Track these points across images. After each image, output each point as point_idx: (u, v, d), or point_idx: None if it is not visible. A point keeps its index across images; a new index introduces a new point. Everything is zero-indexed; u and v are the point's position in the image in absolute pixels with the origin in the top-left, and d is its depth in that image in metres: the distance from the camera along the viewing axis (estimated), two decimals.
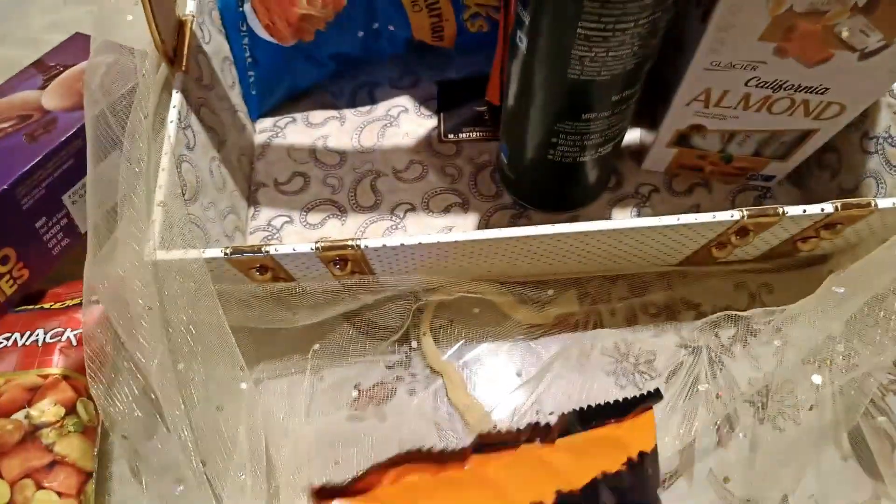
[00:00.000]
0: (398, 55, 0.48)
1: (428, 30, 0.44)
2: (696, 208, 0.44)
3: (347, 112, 0.49)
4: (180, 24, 0.39)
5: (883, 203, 0.32)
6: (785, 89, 0.35)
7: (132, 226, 0.34)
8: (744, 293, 0.42)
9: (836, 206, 0.32)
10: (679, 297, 0.42)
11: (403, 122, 0.48)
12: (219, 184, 0.40)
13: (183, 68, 0.38)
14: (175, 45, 0.38)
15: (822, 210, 0.32)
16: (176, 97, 0.37)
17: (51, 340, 0.34)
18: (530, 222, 0.43)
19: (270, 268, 0.34)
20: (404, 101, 0.49)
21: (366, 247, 0.32)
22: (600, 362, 0.40)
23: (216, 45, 0.42)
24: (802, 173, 0.44)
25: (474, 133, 0.47)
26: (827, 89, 0.34)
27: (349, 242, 0.32)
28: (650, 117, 0.43)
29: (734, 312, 0.40)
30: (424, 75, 0.50)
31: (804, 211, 0.32)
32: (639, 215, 0.44)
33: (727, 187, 0.45)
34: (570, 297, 0.41)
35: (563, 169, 0.38)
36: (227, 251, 0.32)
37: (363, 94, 0.49)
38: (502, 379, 0.40)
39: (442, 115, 0.48)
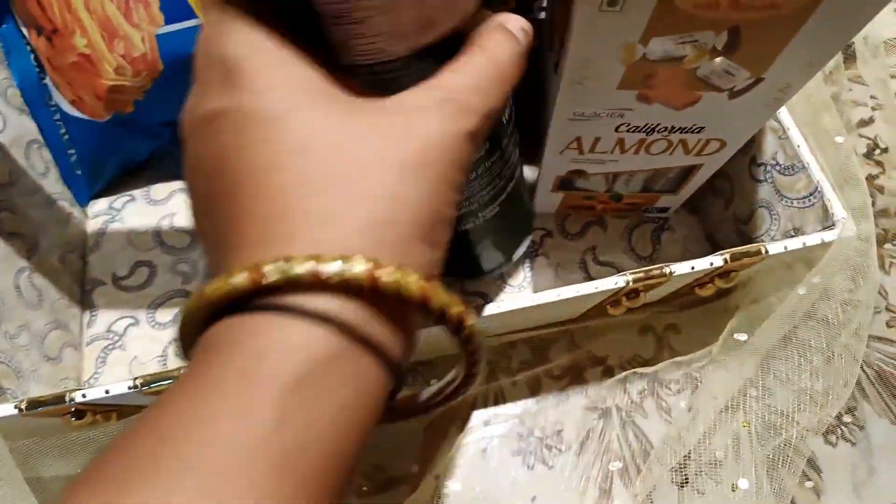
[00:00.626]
0: None
1: None
2: (593, 251, 0.40)
3: None
4: None
5: (773, 248, 0.29)
6: (659, 132, 0.31)
7: None
8: (650, 338, 0.39)
9: (725, 259, 0.29)
10: (584, 354, 0.38)
11: None
12: (31, 300, 0.34)
13: None
14: None
15: (711, 264, 0.29)
16: None
17: None
18: None
19: (89, 410, 0.28)
20: None
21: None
22: (504, 448, 0.36)
23: (16, 130, 0.36)
24: (698, 200, 0.41)
25: None
26: (702, 128, 0.31)
27: (179, 373, 0.27)
28: (533, 156, 0.40)
29: (641, 370, 0.37)
30: None
31: (692, 268, 0.29)
32: (531, 267, 0.40)
33: (622, 222, 0.42)
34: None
35: (457, 237, 0.33)
36: (22, 406, 0.26)
37: None
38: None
39: None
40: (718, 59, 0.26)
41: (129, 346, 0.37)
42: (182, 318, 0.16)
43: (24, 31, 0.36)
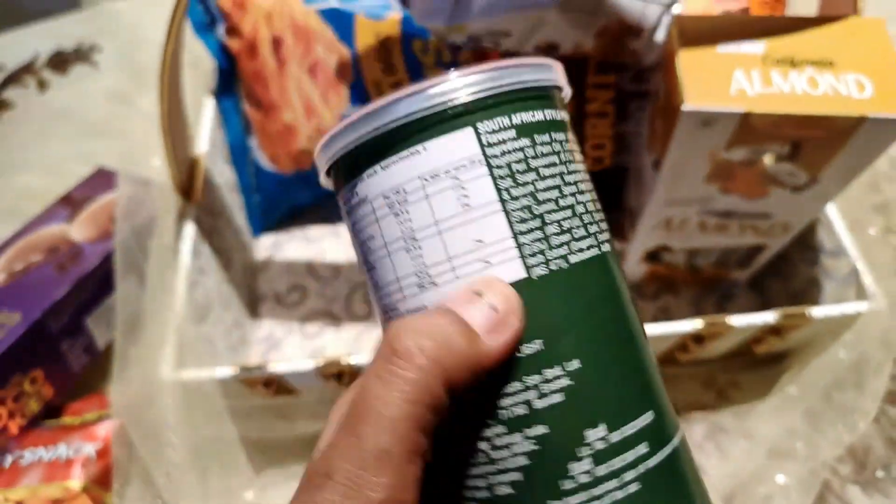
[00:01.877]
0: None
1: None
2: (664, 311, 0.48)
3: (342, 228, 0.54)
4: (194, 161, 0.44)
5: (816, 312, 0.36)
6: (734, 217, 0.39)
7: (150, 346, 0.38)
8: (712, 391, 0.46)
9: (776, 317, 0.37)
10: None
11: None
12: (226, 301, 0.44)
13: (196, 201, 0.42)
14: (189, 180, 0.43)
15: (765, 321, 0.37)
16: (189, 227, 0.41)
17: (72, 455, 0.37)
18: None
19: (274, 382, 0.38)
20: None
21: (360, 364, 0.36)
22: None
23: (224, 177, 0.48)
24: (759, 279, 0.48)
25: None
26: (770, 215, 0.39)
27: (345, 360, 0.36)
28: (621, 232, 0.48)
29: (695, 413, 0.43)
30: None
31: (749, 322, 0.37)
32: None
33: (691, 291, 0.49)
34: None
35: None
36: (237, 370, 0.36)
37: None
38: None
39: None
40: (784, 163, 0.35)
41: (284, 349, 0.47)
42: None
43: (244, 104, 0.49)
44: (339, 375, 0.37)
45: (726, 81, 0.32)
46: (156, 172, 0.45)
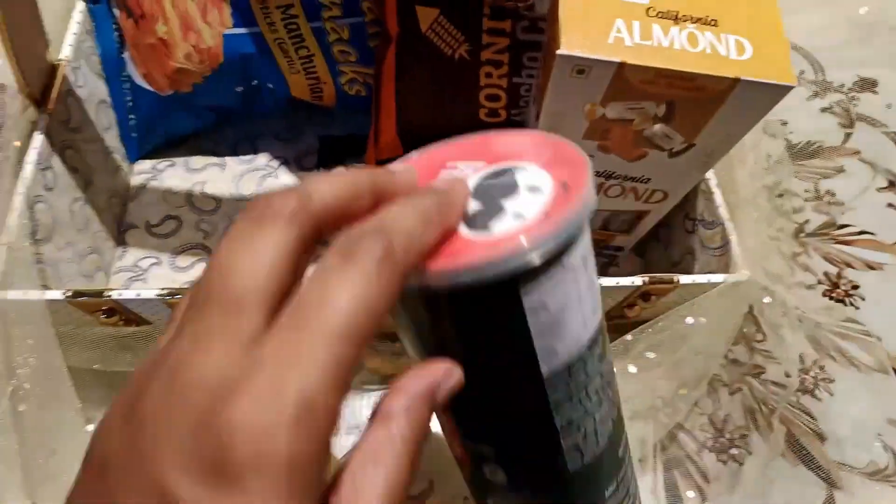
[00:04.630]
0: (281, 109, 0.50)
1: (307, 90, 0.47)
2: None
3: (229, 160, 0.50)
4: (53, 68, 0.40)
5: (684, 279, 0.36)
6: (614, 178, 0.39)
7: None
8: None
9: (644, 280, 0.36)
10: None
11: (283, 173, 0.50)
12: (80, 224, 0.41)
13: (49, 110, 0.38)
14: (44, 88, 0.39)
15: (633, 283, 0.36)
16: (38, 138, 0.37)
17: None
18: None
19: (118, 311, 0.35)
20: (286, 153, 0.51)
21: None
22: None
23: (91, 89, 0.44)
24: (644, 245, 0.48)
25: None
26: (649, 179, 0.39)
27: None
28: None
29: None
30: (307, 130, 0.52)
31: (617, 283, 0.36)
32: None
33: None
34: None
35: None
36: (69, 293, 0.33)
37: (245, 144, 0.51)
38: (356, 427, 0.41)
39: (321, 169, 0.50)
40: (659, 125, 0.34)
41: (150, 281, 0.44)
42: None
43: (116, 11, 0.44)
44: None
45: (606, 30, 0.30)
46: (9, 77, 0.40)
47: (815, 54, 0.65)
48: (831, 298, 0.50)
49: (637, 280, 0.36)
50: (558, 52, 0.30)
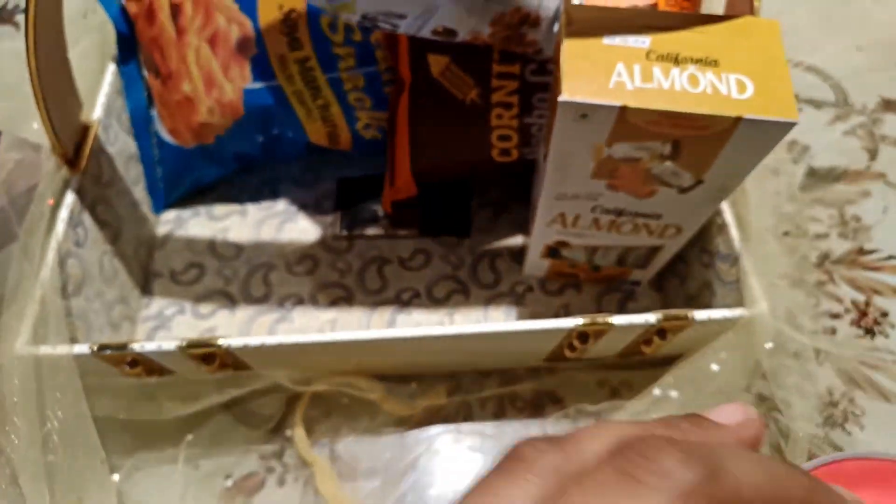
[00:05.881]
0: (300, 154, 0.52)
1: (324, 136, 0.49)
2: (566, 308, 0.48)
3: (250, 206, 0.52)
4: (86, 128, 0.42)
5: (699, 315, 0.36)
6: (626, 215, 0.39)
7: (14, 318, 0.36)
8: (606, 390, 0.45)
9: (658, 318, 0.36)
10: (545, 392, 0.45)
11: (301, 217, 0.51)
12: (108, 275, 0.42)
13: (81, 169, 0.40)
14: (77, 147, 0.41)
15: (646, 321, 0.36)
16: (69, 197, 0.39)
17: None
18: (410, 318, 0.46)
19: (141, 362, 0.36)
20: (305, 197, 0.53)
21: (229, 346, 0.34)
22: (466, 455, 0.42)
23: (121, 146, 0.46)
24: (662, 279, 0.48)
25: (369, 230, 0.51)
26: (661, 215, 0.39)
27: (214, 341, 0.35)
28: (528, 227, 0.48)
29: (589, 407, 0.43)
30: (325, 173, 0.54)
31: (629, 321, 0.36)
32: (516, 314, 0.47)
33: (595, 288, 0.49)
34: (438, 390, 0.43)
35: None
36: (95, 347, 0.34)
37: (266, 189, 0.53)
38: (373, 470, 0.41)
39: (339, 212, 0.52)
40: (667, 163, 0.34)
41: (173, 329, 0.45)
42: None
43: (144, 72, 0.47)
44: (211, 357, 0.36)
45: (607, 74, 0.31)
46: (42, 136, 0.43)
47: (836, 77, 0.64)
48: (859, 327, 0.49)
49: (651, 318, 0.36)
50: (560, 98, 0.30)
